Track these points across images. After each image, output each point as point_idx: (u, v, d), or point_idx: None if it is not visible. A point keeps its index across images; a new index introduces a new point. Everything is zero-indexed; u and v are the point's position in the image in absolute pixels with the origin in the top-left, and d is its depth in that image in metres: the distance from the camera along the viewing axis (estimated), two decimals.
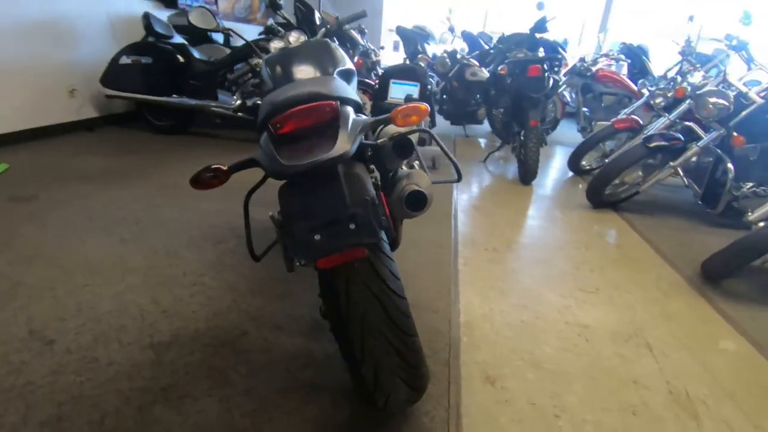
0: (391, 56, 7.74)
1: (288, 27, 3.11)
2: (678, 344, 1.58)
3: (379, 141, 0.87)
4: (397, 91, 4.17)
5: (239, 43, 4.55)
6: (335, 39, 3.64)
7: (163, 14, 4.41)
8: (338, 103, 0.84)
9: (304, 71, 1.49)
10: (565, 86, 4.96)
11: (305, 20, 3.37)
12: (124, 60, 3.49)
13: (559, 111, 5.11)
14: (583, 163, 3.75)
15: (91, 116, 3.84)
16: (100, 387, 1.16)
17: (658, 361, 1.47)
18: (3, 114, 3.06)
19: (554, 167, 4.10)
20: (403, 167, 1.38)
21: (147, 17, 3.62)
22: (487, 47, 5.68)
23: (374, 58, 5.65)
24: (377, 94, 4.31)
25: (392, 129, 0.92)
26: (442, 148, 0.93)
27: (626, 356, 1.49)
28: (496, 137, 4.53)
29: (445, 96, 5.06)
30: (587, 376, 1.38)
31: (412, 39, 5.89)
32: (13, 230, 1.96)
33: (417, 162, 0.97)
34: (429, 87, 4.12)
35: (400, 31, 5.98)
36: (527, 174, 3.26)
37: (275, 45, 1.87)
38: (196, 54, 3.77)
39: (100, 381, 1.19)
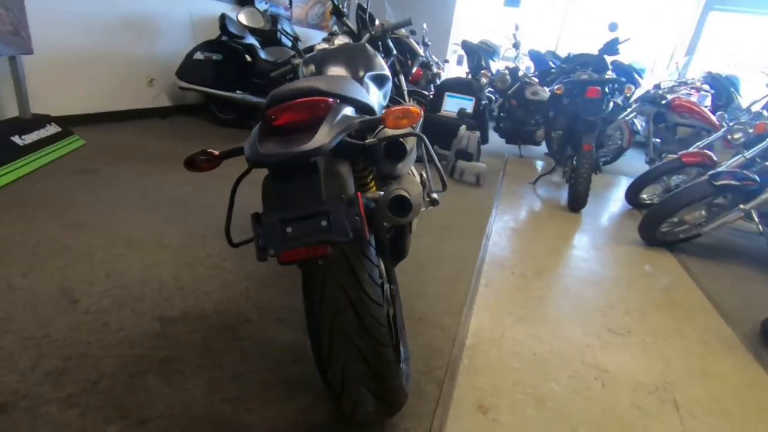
0: (454, 70, 7.71)
1: (350, 34, 3.22)
2: (713, 407, 1.39)
3: (367, 141, 0.86)
4: (451, 104, 4.14)
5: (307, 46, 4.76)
6: (380, 45, 3.70)
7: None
8: (336, 100, 0.84)
9: (334, 71, 1.52)
10: (635, 113, 4.64)
11: (365, 27, 3.44)
12: (198, 55, 3.77)
13: (626, 139, 4.78)
14: (643, 196, 3.47)
15: (165, 105, 4.19)
16: (104, 349, 1.24)
17: (683, 423, 1.30)
18: (89, 96, 3.43)
19: (611, 198, 3.83)
20: (413, 171, 1.36)
21: (223, 18, 3.89)
22: (553, 67, 5.48)
23: (435, 71, 5.65)
24: (431, 106, 4.31)
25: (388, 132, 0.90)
26: (431, 156, 0.89)
27: (646, 410, 1.33)
28: (553, 160, 4.33)
29: (502, 113, 4.93)
30: (594, 423, 1.25)
31: (476, 54, 5.82)
32: (72, 198, 2.17)
33: (413, 168, 0.94)
34: (484, 102, 4.04)
35: (466, 45, 5.94)
36: (576, 200, 3.07)
37: (319, 47, 1.93)
38: (262, 54, 3.99)
39: (106, 344, 1.27)
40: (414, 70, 4.73)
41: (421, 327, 1.56)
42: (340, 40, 2.00)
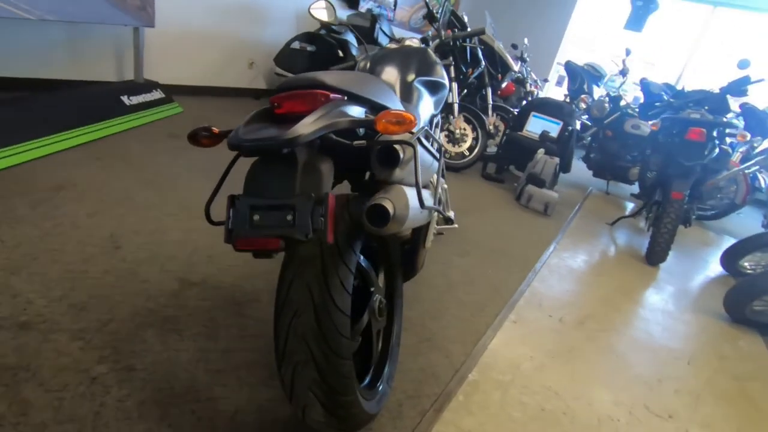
0: (553, 91, 7.26)
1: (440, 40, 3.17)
2: None
3: (354, 143, 0.82)
4: (535, 125, 3.90)
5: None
6: (468, 53, 3.59)
7: (344, 13, 4.92)
8: (343, 97, 0.81)
9: (386, 71, 1.50)
10: (759, 167, 3.99)
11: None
12: (295, 45, 3.99)
13: (741, 195, 4.12)
14: (744, 263, 2.95)
15: (260, 87, 4.51)
16: (124, 296, 1.35)
17: None
18: (195, 70, 3.81)
19: (703, 258, 3.32)
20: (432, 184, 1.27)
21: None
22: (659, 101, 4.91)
23: (530, 89, 5.38)
24: (514, 124, 4.10)
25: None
26: (416, 172, 0.80)
27: None
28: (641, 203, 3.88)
29: (594, 144, 4.53)
30: None
31: (580, 76, 5.43)
32: (152, 157, 2.42)
33: (403, 178, 0.86)
34: (570, 128, 3.75)
35: (569, 66, 5.56)
36: (654, 253, 2.71)
37: (390, 47, 1.91)
38: (354, 51, 4.11)
39: (128, 291, 1.38)
40: (504, 84, 4.56)
41: (426, 348, 1.48)
42: (410, 42, 1.96)
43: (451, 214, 1.42)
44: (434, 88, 1.59)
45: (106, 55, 3.14)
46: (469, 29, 3.54)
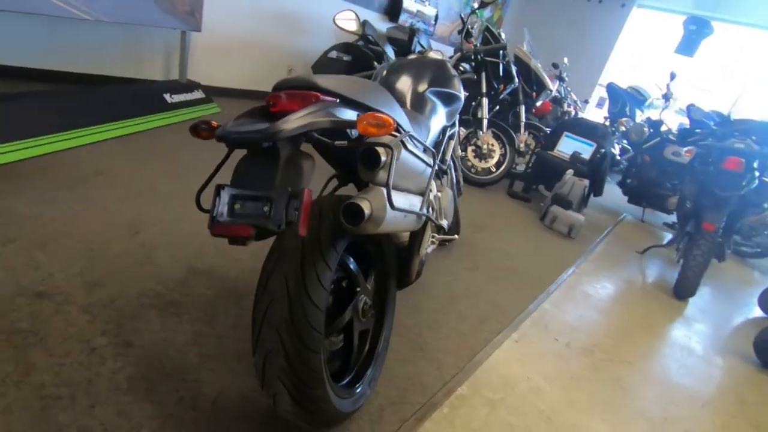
0: (593, 112, 7.06)
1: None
2: None
3: (336, 142, 0.84)
4: (567, 145, 3.82)
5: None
6: (501, 69, 3.57)
7: (385, 26, 5.03)
8: (335, 100, 0.85)
9: (399, 80, 1.54)
10: None
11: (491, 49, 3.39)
12: (332, 54, 4.12)
13: None
14: None
15: None
16: (135, 277, 1.44)
17: None
18: (235, 73, 4.01)
19: (740, 296, 3.11)
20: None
21: (364, 24, 4.19)
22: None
23: (567, 109, 5.27)
24: (545, 142, 4.02)
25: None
26: (388, 177, 0.81)
27: None
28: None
29: (632, 169, 4.37)
30: None
31: (622, 99, 5.27)
32: (182, 152, 2.56)
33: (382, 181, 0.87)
34: (603, 151, 3.64)
35: (611, 88, 5.42)
36: (682, 286, 2.57)
37: (409, 57, 1.95)
38: None
39: (140, 273, 1.47)
40: (540, 103, 4.49)
41: (417, 357, 1.47)
42: (433, 54, 1.99)
43: (444, 222, 1.41)
44: (448, 99, 1.61)
45: (155, 56, 3.36)
46: (474, 39, 3.55)
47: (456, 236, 1.88)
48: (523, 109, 4.20)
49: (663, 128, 4.10)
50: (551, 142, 3.91)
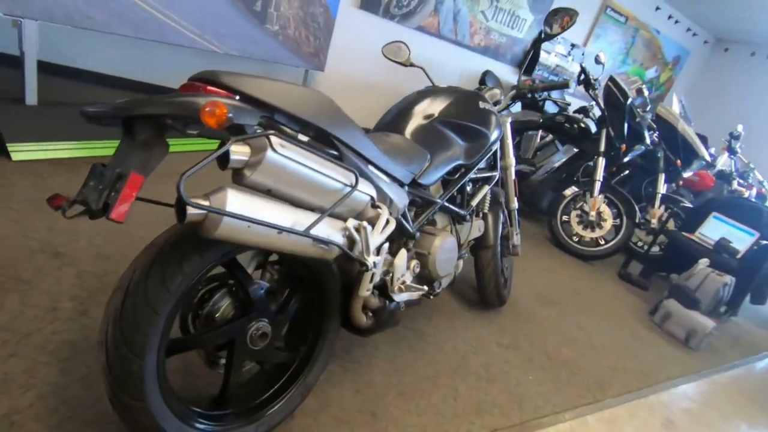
0: None
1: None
2: None
3: (187, 130, 0.78)
4: (713, 229, 2.99)
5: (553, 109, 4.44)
6: (607, 120, 3.08)
7: (514, 78, 4.86)
8: (234, 97, 0.80)
9: (409, 105, 1.45)
10: None
11: (590, 88, 3.00)
12: None
13: None
14: None
15: None
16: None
17: None
18: (353, 113, 4.30)
19: None
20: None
21: (485, 73, 4.11)
22: None
23: (738, 188, 4.20)
24: (686, 222, 3.21)
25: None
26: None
27: None
28: None
29: None
30: None
31: None
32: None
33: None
34: (766, 243, 2.72)
35: None
36: None
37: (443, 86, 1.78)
38: (505, 113, 3.97)
39: None
40: (689, 174, 3.66)
41: (363, 422, 1.23)
42: (492, 91, 1.79)
43: (370, 259, 1.02)
44: (466, 133, 1.41)
45: None
46: (596, 91, 3.07)
47: (425, 287, 1.34)
48: (662, 178, 3.47)
49: None
50: (693, 222, 3.10)
